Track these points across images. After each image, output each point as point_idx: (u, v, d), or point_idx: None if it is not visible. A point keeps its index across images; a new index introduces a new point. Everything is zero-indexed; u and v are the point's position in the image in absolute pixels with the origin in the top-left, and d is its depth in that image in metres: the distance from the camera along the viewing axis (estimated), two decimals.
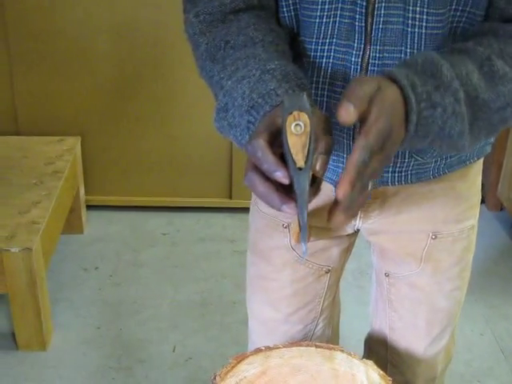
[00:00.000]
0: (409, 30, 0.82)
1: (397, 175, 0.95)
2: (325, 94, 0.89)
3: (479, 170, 1.05)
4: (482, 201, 2.64)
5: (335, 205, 0.68)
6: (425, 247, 1.03)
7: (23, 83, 2.47)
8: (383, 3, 0.81)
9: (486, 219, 2.68)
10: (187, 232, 2.60)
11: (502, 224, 2.70)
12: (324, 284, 1.10)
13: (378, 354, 1.17)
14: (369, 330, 1.22)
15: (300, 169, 0.65)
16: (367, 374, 0.90)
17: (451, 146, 0.76)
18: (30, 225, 1.93)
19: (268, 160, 0.65)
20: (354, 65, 0.86)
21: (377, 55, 0.85)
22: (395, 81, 0.70)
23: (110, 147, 2.59)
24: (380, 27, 0.83)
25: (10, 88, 2.47)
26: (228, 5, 0.85)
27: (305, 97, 0.65)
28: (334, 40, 0.86)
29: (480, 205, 1.07)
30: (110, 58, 2.45)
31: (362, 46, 0.85)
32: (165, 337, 2.06)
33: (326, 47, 0.87)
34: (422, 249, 1.03)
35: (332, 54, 0.87)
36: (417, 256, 1.04)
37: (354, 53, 0.85)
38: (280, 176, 0.65)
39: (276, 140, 0.67)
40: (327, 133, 0.68)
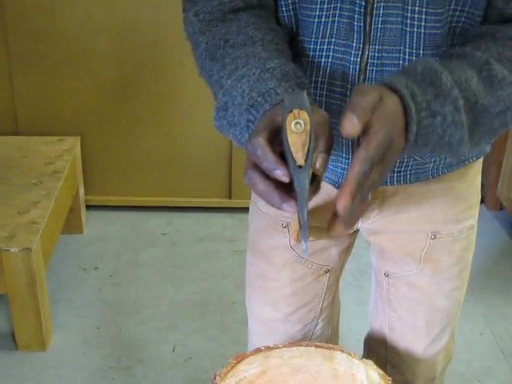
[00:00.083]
0: (408, 30, 0.82)
1: (396, 175, 0.95)
2: (324, 94, 0.89)
3: (478, 170, 1.05)
4: (482, 200, 2.64)
5: (335, 215, 0.67)
6: (424, 247, 1.03)
7: (23, 83, 2.47)
8: (382, 3, 0.81)
9: (486, 219, 2.68)
10: (187, 232, 2.60)
11: (502, 223, 2.70)
12: (323, 284, 1.10)
13: (378, 354, 1.17)
14: (368, 330, 1.22)
15: (300, 167, 0.64)
16: (367, 374, 0.90)
17: (451, 153, 0.76)
18: (30, 225, 1.93)
19: (268, 158, 0.65)
20: (353, 64, 0.86)
21: (376, 55, 0.85)
22: (395, 90, 0.70)
23: (110, 147, 2.59)
24: (379, 27, 0.83)
25: (10, 88, 2.47)
26: (227, 4, 0.85)
27: (305, 95, 0.65)
28: (333, 40, 0.86)
29: (479, 204, 1.07)
30: (110, 58, 2.45)
31: (361, 46, 0.85)
32: (164, 337, 2.06)
33: (325, 47, 0.87)
34: (422, 249, 1.03)
35: (331, 54, 0.87)
36: (416, 256, 1.04)
37: (353, 52, 0.85)
38: (280, 174, 0.65)
39: (276, 138, 0.67)
40: (327, 131, 0.68)
